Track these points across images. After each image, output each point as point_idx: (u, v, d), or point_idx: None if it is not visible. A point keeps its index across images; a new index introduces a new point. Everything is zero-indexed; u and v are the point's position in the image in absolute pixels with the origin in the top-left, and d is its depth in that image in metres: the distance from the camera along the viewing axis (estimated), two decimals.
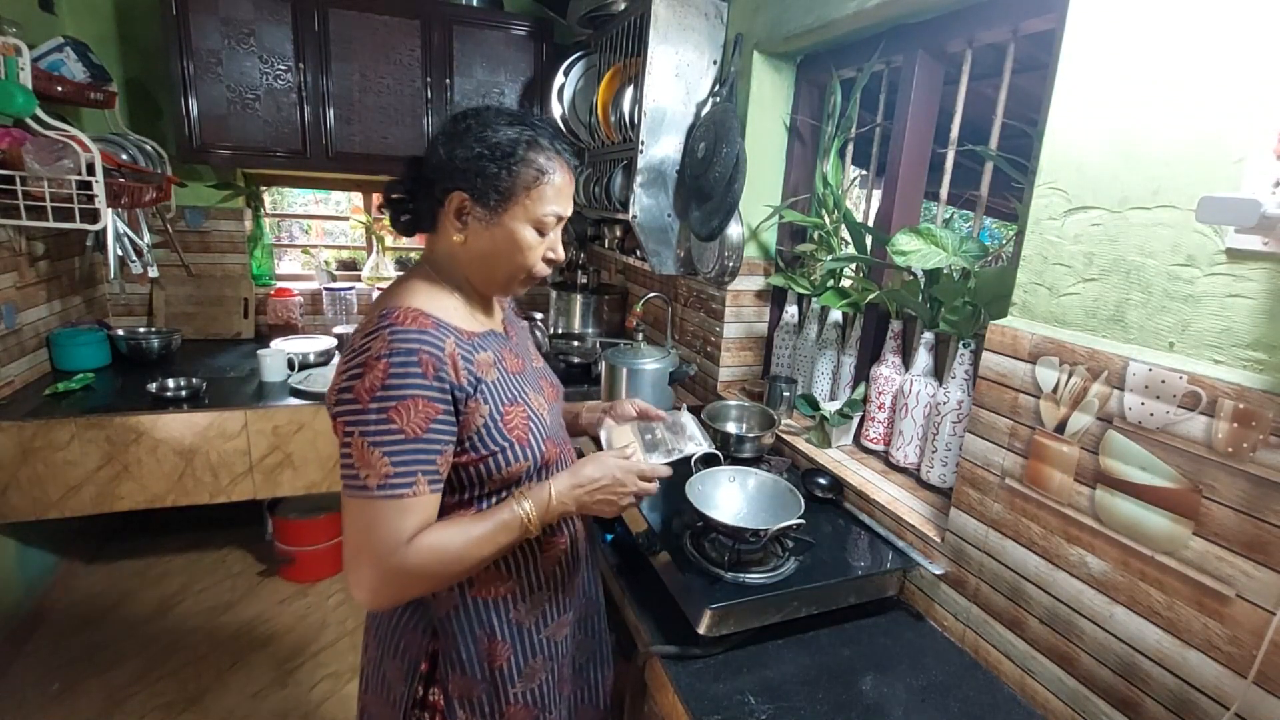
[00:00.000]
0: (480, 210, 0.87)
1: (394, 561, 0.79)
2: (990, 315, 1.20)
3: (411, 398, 0.79)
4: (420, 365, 0.80)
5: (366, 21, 2.55)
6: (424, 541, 0.80)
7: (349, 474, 0.79)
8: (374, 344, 0.80)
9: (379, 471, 0.78)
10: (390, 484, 0.78)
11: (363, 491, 0.78)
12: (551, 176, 0.89)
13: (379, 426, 0.78)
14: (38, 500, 2.01)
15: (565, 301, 2.97)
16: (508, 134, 0.86)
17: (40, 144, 1.86)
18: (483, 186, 0.86)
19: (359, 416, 0.78)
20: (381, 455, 0.78)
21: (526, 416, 0.93)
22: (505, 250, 0.89)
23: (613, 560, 1.34)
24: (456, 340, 0.86)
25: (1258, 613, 0.77)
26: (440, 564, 0.82)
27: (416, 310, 0.84)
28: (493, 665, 0.95)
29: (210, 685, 2.03)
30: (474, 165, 0.85)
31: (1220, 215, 0.75)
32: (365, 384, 0.78)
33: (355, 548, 0.80)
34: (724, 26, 1.97)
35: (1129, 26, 0.90)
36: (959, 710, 1.01)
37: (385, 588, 0.81)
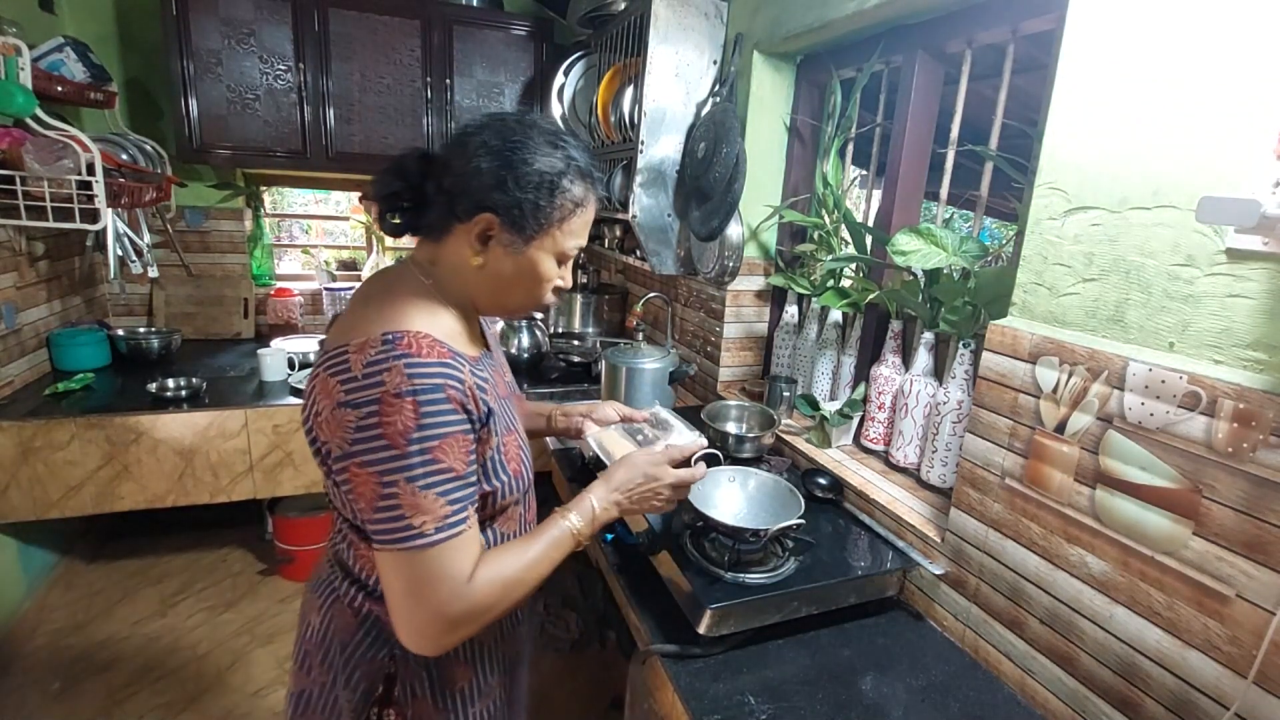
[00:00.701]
0: (508, 236, 0.82)
1: (463, 606, 0.75)
2: (990, 315, 1.20)
3: (449, 435, 0.75)
4: (449, 401, 0.75)
5: (366, 21, 2.55)
6: (485, 575, 0.77)
7: (394, 526, 0.72)
8: (387, 377, 0.73)
9: (437, 515, 0.73)
10: (450, 524, 0.74)
11: (418, 540, 0.72)
12: (585, 210, 0.86)
13: (426, 469, 0.73)
14: (38, 500, 2.01)
15: (565, 301, 2.97)
16: (553, 162, 0.81)
17: (40, 144, 1.86)
18: (520, 216, 0.80)
19: (400, 462, 0.72)
20: (436, 496, 0.73)
21: (519, 445, 0.91)
22: (524, 279, 0.85)
23: (613, 560, 1.35)
24: (471, 369, 0.81)
25: (1258, 613, 0.77)
26: (505, 593, 0.79)
27: (427, 337, 0.78)
28: (454, 689, 0.92)
29: (210, 684, 2.03)
30: (516, 192, 0.79)
31: (1220, 215, 0.75)
32: (397, 426, 0.72)
33: (412, 604, 0.74)
34: (724, 26, 1.97)
35: (1129, 27, 0.90)
36: (959, 710, 1.01)
37: (454, 633, 0.77)
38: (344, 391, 0.74)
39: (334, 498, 0.85)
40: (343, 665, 0.90)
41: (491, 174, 0.79)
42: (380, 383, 0.73)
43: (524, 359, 2.61)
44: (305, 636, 0.95)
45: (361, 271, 3.36)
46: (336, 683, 0.91)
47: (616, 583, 1.30)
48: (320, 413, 0.77)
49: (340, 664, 0.90)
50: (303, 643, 0.96)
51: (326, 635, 0.91)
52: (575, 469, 1.77)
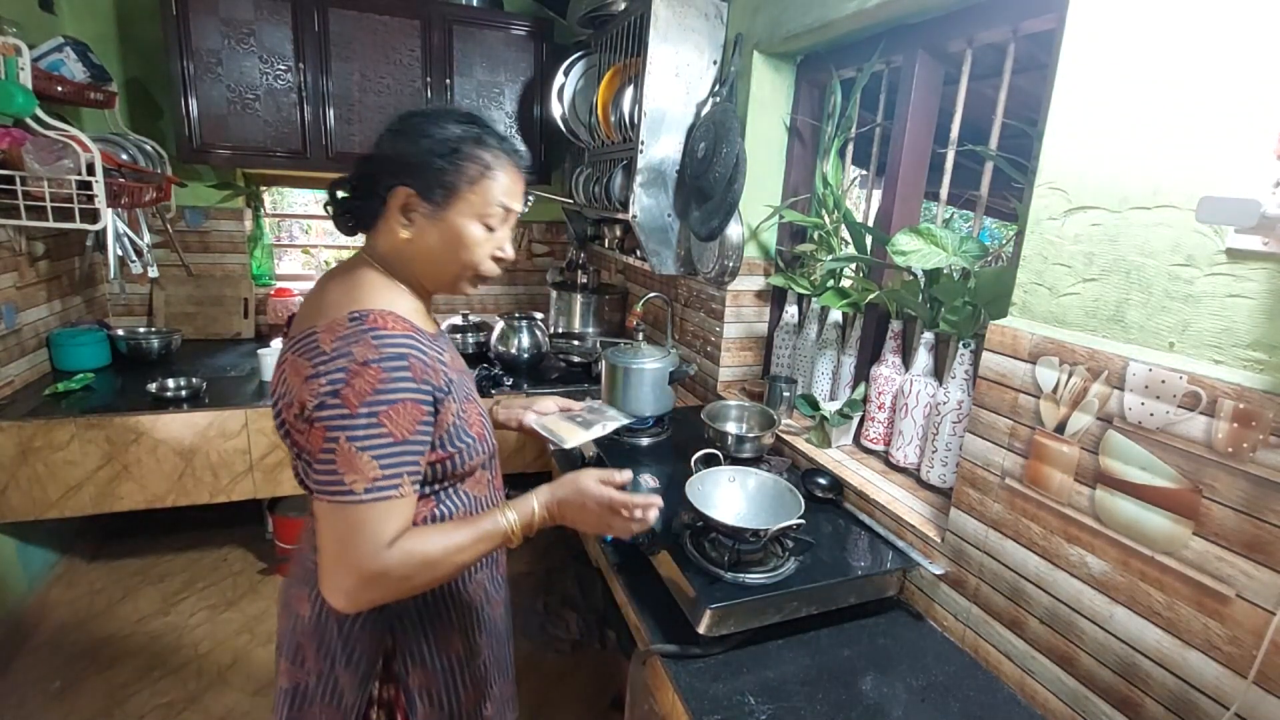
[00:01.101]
0: (426, 206, 0.87)
1: (376, 566, 0.78)
2: (990, 315, 1.20)
3: (401, 401, 0.79)
4: (410, 369, 0.80)
5: (366, 21, 2.55)
6: (405, 545, 0.80)
7: (330, 479, 0.77)
8: (355, 349, 0.79)
9: (367, 475, 0.77)
10: (378, 486, 0.78)
11: (347, 496, 0.77)
12: (496, 173, 0.89)
13: (368, 431, 0.77)
14: (38, 500, 2.01)
15: (565, 301, 2.97)
16: (454, 130, 0.87)
17: (40, 144, 1.85)
18: (428, 182, 0.86)
19: (346, 422, 0.77)
20: (370, 459, 0.77)
21: (479, 412, 0.96)
22: (452, 247, 0.89)
23: (613, 560, 1.35)
24: (430, 343, 0.87)
25: (1258, 613, 0.77)
26: (421, 567, 0.81)
27: (391, 313, 0.84)
28: (450, 653, 0.99)
29: (211, 683, 2.03)
30: (419, 160, 0.85)
31: (1220, 215, 0.75)
32: (354, 390, 0.77)
33: (335, 554, 0.79)
34: (724, 26, 1.97)
35: (1129, 27, 0.90)
36: (959, 710, 1.01)
37: (365, 592, 0.80)
38: (312, 366, 0.79)
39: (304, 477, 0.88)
40: (341, 646, 0.94)
41: (399, 151, 0.87)
42: (348, 353, 0.78)
43: (524, 359, 2.61)
44: (295, 629, 0.97)
45: None
46: (335, 665, 0.94)
47: (616, 583, 1.30)
48: (289, 390, 0.82)
49: (339, 646, 0.94)
50: (294, 635, 0.98)
51: (321, 620, 0.93)
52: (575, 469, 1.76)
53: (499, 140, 0.91)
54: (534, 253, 3.42)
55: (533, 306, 3.40)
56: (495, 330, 2.67)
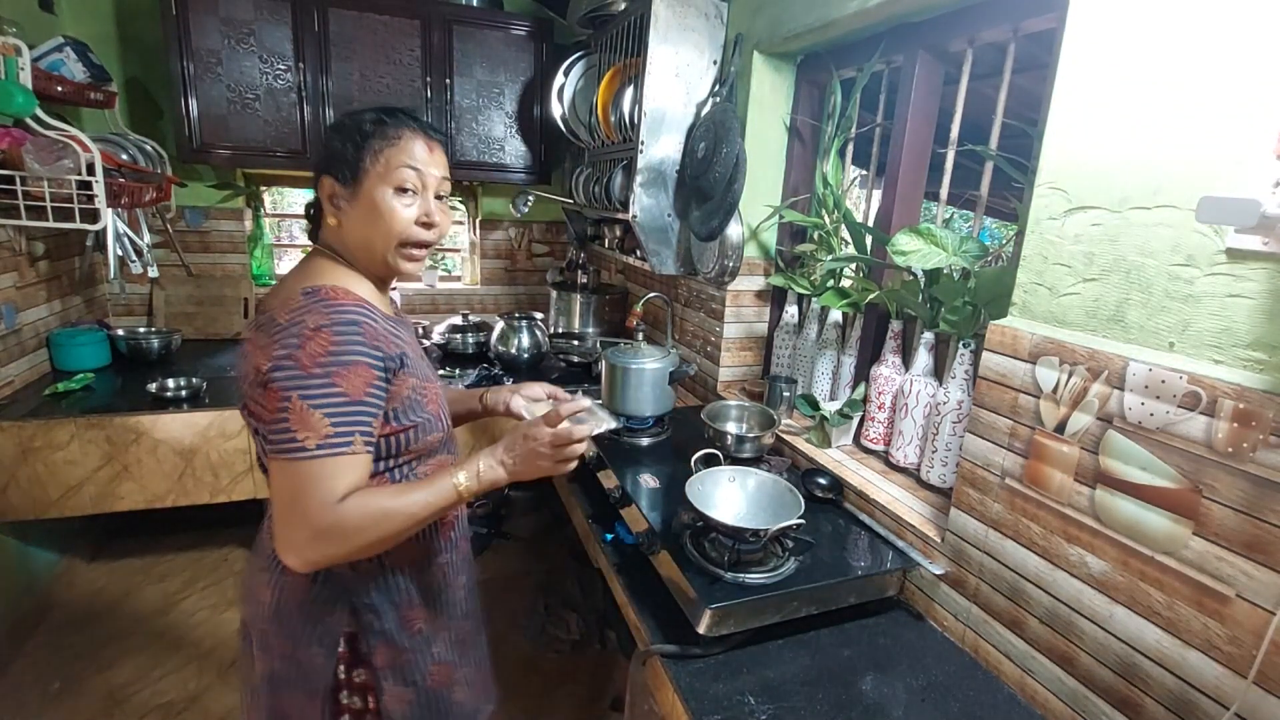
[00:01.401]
0: (344, 189, 0.92)
1: (327, 520, 0.80)
2: (990, 315, 1.20)
3: (355, 362, 0.83)
4: (362, 333, 0.84)
5: (366, 21, 2.55)
6: (356, 500, 0.81)
7: (283, 438, 0.80)
8: (308, 317, 0.82)
9: (319, 431, 0.80)
10: (329, 443, 0.80)
11: (300, 452, 0.79)
12: (400, 140, 0.91)
13: (321, 389, 0.80)
14: (38, 500, 2.01)
15: (565, 301, 2.97)
16: (357, 118, 0.93)
17: (40, 144, 1.85)
18: (338, 164, 0.91)
19: (300, 381, 0.80)
20: (322, 416, 0.80)
21: (437, 392, 1.01)
22: (373, 220, 0.91)
23: (613, 560, 1.35)
24: (384, 318, 0.91)
25: (1258, 613, 0.77)
26: (372, 522, 0.82)
27: (342, 288, 0.89)
28: (413, 630, 1.01)
29: (212, 683, 2.03)
30: (330, 149, 0.92)
31: (1220, 215, 0.75)
32: (307, 351, 0.80)
33: (287, 510, 0.81)
34: (724, 26, 1.97)
35: (1130, 26, 0.90)
36: (959, 710, 1.01)
37: (315, 547, 0.81)
38: (269, 337, 0.83)
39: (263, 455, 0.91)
40: (303, 624, 0.95)
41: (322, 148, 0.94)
42: (301, 321, 0.83)
43: (524, 359, 2.61)
44: (259, 616, 0.98)
45: None
46: (300, 643, 0.96)
47: (616, 583, 1.30)
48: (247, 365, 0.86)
49: (300, 624, 0.95)
50: (257, 624, 0.99)
51: (280, 603, 0.95)
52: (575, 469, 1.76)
53: (406, 115, 0.94)
54: (534, 253, 3.42)
55: (533, 306, 3.40)
56: (495, 330, 2.67)
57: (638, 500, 1.38)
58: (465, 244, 3.48)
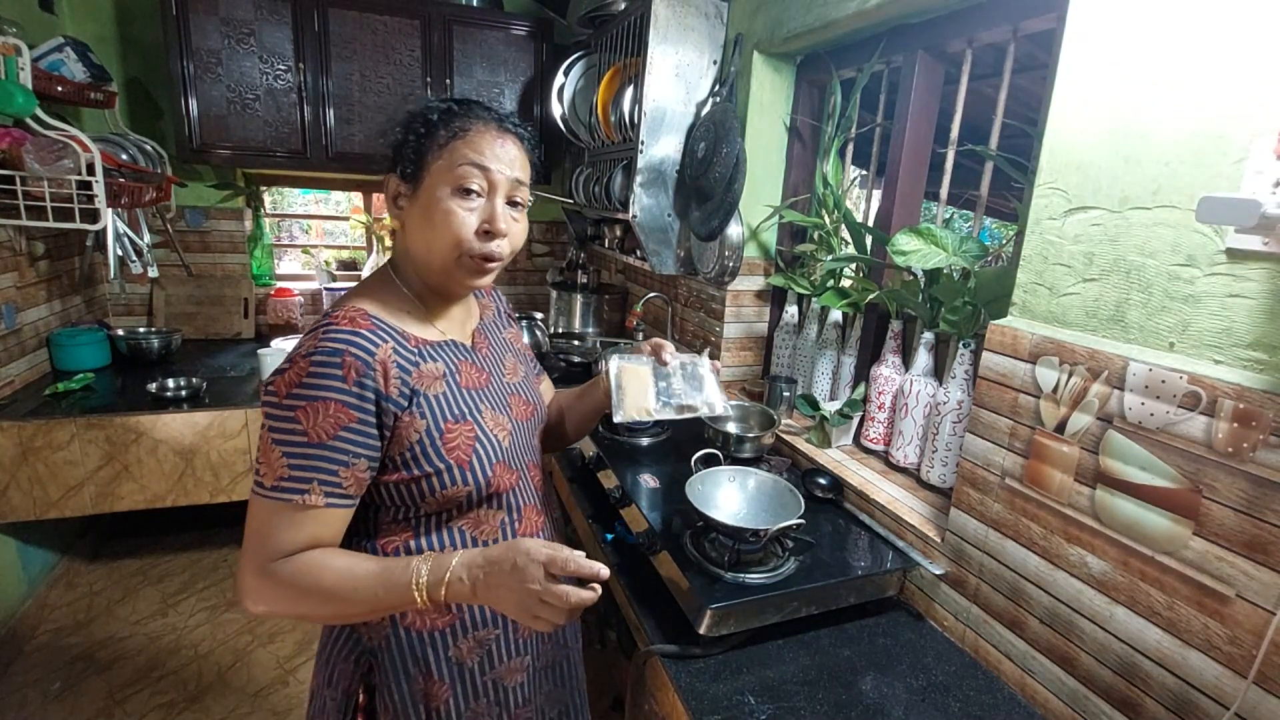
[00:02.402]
0: (406, 187, 0.83)
1: (261, 572, 0.74)
2: (990, 315, 1.20)
3: (323, 400, 0.74)
4: (342, 368, 0.75)
5: (366, 21, 2.55)
6: (294, 567, 0.74)
7: (255, 468, 0.76)
8: (307, 341, 0.77)
9: (275, 471, 0.74)
10: (282, 486, 0.74)
11: (258, 487, 0.75)
12: (468, 133, 0.81)
13: (284, 425, 0.74)
14: (38, 500, 2.01)
15: (565, 301, 2.97)
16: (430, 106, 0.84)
17: (40, 144, 1.85)
18: (403, 159, 0.82)
19: (271, 410, 0.75)
20: (280, 455, 0.74)
21: (473, 436, 0.84)
22: (432, 223, 0.80)
23: (613, 560, 1.35)
24: (397, 345, 0.80)
25: (1258, 613, 0.77)
26: (304, 590, 0.74)
27: (360, 310, 0.80)
28: (429, 706, 0.86)
29: (211, 684, 2.03)
30: (398, 142, 0.83)
31: (1220, 215, 0.75)
32: (285, 379, 0.75)
33: (244, 542, 0.77)
34: (724, 26, 1.97)
35: (1129, 26, 0.90)
36: (959, 710, 1.01)
37: (253, 593, 0.75)
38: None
39: None
40: (324, 664, 0.91)
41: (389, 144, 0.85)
42: (301, 344, 0.77)
43: None
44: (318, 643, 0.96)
45: (361, 271, 3.36)
46: (321, 681, 0.92)
47: (616, 583, 1.30)
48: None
49: (323, 663, 0.91)
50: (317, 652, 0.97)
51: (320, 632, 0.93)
52: (575, 469, 1.77)
53: (480, 106, 0.84)
54: (534, 253, 3.42)
55: (533, 306, 3.40)
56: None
57: (638, 500, 1.38)
58: None
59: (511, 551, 0.73)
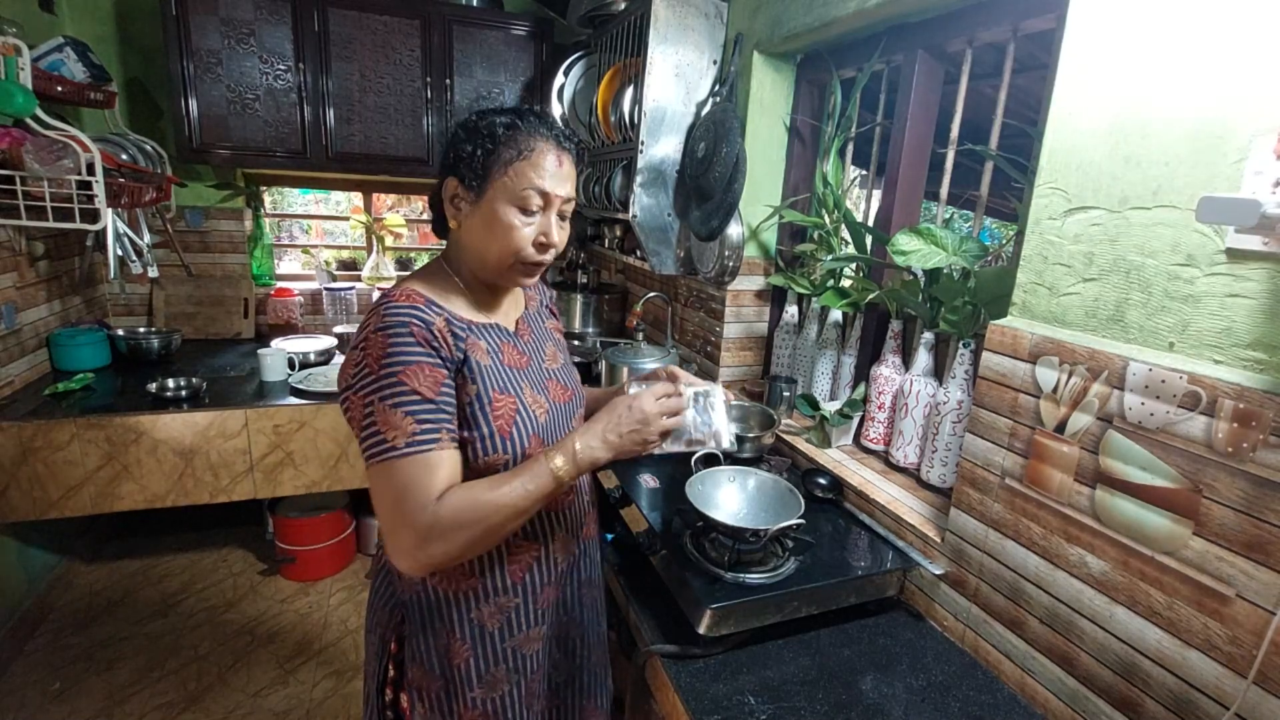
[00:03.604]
0: (468, 194, 0.89)
1: (427, 519, 0.79)
2: (990, 315, 1.20)
3: (417, 363, 0.82)
4: (412, 335, 0.83)
5: (366, 21, 2.55)
6: (455, 495, 0.80)
7: (374, 441, 0.80)
8: (371, 320, 0.84)
9: (405, 430, 0.80)
10: (418, 440, 0.80)
11: (391, 453, 0.79)
12: (531, 154, 0.87)
13: (395, 388, 0.81)
14: (38, 500, 2.01)
15: (565, 301, 2.97)
16: (493, 119, 0.89)
17: (40, 144, 1.85)
18: (466, 169, 0.88)
19: (375, 383, 0.81)
20: (405, 414, 0.80)
21: (515, 409, 0.91)
22: (493, 233, 0.88)
23: (613, 560, 1.35)
24: (449, 319, 0.88)
25: (1258, 613, 0.77)
26: (472, 518, 0.80)
27: (414, 290, 0.88)
28: (451, 662, 0.94)
29: (211, 684, 2.03)
30: (460, 150, 0.88)
31: (1220, 215, 0.75)
32: (372, 355, 0.82)
33: (390, 514, 0.80)
34: (724, 26, 1.97)
35: (1129, 26, 0.90)
36: (959, 710, 1.01)
37: (423, 549, 0.79)
38: (350, 347, 0.86)
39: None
40: (371, 610, 1.01)
41: (450, 147, 0.91)
42: (366, 325, 0.85)
43: None
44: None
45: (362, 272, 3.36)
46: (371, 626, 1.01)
47: (616, 583, 1.30)
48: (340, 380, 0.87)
49: (371, 610, 1.01)
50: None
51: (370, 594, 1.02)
52: None
53: (540, 121, 0.89)
54: None
55: None
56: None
57: (638, 500, 1.38)
58: None
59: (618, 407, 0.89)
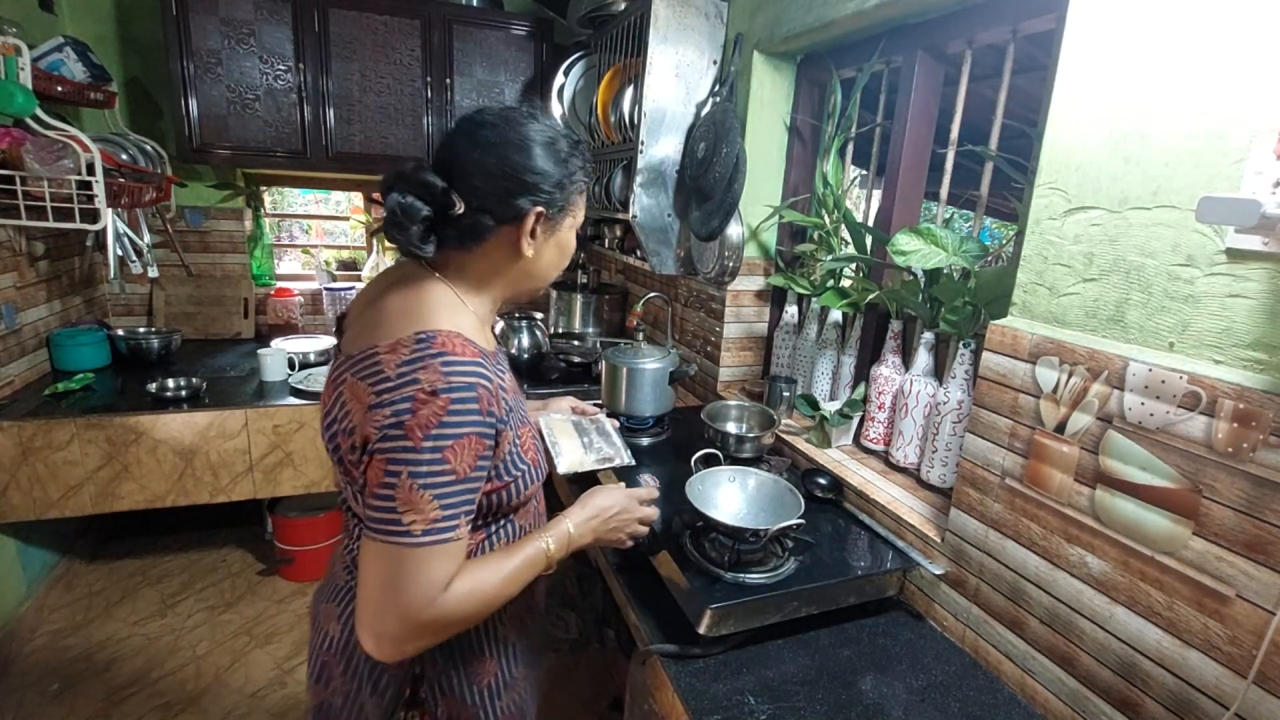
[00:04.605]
0: (549, 222, 0.85)
1: (430, 614, 0.73)
2: (990, 315, 1.20)
3: (466, 435, 0.74)
4: (479, 402, 0.75)
5: (366, 21, 2.55)
6: (461, 587, 0.75)
7: (387, 519, 0.72)
8: (422, 375, 0.72)
9: (427, 516, 0.72)
10: (437, 529, 0.73)
11: (404, 538, 0.71)
12: (589, 182, 0.91)
13: (431, 467, 0.72)
14: (38, 500, 2.01)
15: (565, 301, 2.97)
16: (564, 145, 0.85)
17: (40, 144, 1.85)
18: (554, 198, 0.84)
19: (409, 455, 0.71)
20: (431, 498, 0.72)
21: (533, 436, 0.93)
22: (561, 256, 0.90)
23: (613, 560, 1.34)
24: (494, 367, 0.82)
25: (1258, 613, 0.77)
26: (476, 607, 0.77)
27: (459, 335, 0.77)
28: (481, 684, 0.93)
29: (210, 685, 2.03)
30: (553, 179, 0.83)
31: (1220, 215, 0.75)
32: (419, 421, 0.71)
33: (381, 598, 0.72)
34: (724, 26, 1.97)
35: (1129, 26, 0.90)
36: (959, 710, 1.01)
37: (414, 640, 0.74)
38: (374, 394, 0.74)
39: (350, 499, 0.86)
40: (368, 672, 0.90)
41: (533, 168, 0.81)
42: (415, 380, 0.73)
43: (524, 359, 2.61)
44: (323, 648, 0.93)
45: (362, 272, 3.36)
46: (362, 690, 0.91)
47: (616, 583, 1.30)
48: (348, 416, 0.77)
49: (365, 671, 0.90)
50: (319, 654, 0.93)
51: (349, 643, 0.89)
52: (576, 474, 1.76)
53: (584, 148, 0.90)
54: None
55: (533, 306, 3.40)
56: (495, 330, 2.67)
57: None
58: None
59: (611, 499, 0.99)
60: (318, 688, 0.94)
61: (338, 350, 0.87)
